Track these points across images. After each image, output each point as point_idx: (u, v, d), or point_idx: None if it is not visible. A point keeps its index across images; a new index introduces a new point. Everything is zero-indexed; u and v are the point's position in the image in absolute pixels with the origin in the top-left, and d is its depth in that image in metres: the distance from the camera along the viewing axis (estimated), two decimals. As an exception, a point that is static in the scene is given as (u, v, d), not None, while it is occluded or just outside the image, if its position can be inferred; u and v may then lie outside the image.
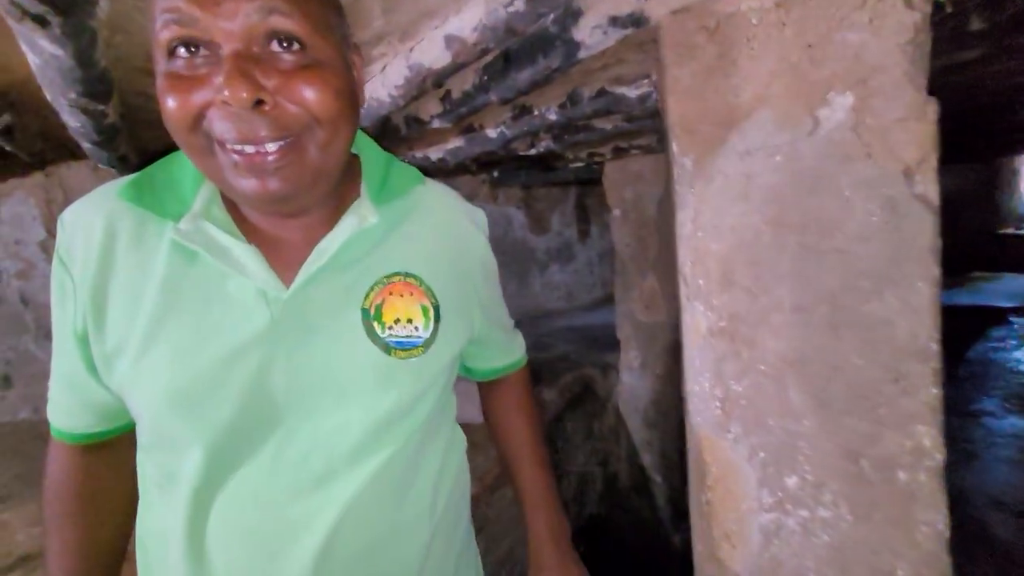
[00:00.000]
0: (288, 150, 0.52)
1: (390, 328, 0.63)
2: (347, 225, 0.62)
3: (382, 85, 1.32)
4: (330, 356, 0.60)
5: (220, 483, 0.58)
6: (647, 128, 1.99)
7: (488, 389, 0.98)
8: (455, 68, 1.11)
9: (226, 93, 0.47)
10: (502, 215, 5.44)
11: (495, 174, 5.14)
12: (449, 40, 1.02)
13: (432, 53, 1.07)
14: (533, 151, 2.45)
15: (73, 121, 1.84)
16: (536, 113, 1.78)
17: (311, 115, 0.52)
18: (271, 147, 0.51)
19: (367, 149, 0.72)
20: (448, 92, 1.59)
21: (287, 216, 0.61)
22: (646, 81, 1.35)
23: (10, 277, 3.28)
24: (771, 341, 0.83)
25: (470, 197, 5.11)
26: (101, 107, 1.55)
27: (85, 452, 0.70)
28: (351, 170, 0.68)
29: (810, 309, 0.80)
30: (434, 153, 2.66)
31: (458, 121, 1.78)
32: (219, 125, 0.50)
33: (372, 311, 0.63)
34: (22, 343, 3.33)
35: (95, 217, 0.59)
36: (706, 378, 0.89)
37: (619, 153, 2.66)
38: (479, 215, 0.82)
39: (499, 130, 2.03)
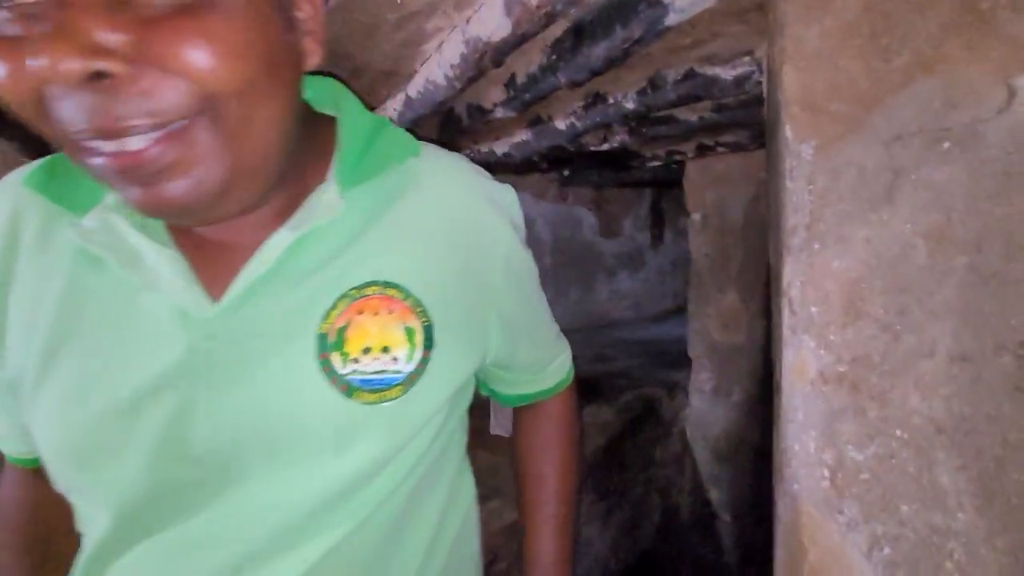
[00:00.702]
0: (171, 143, 0.35)
1: (355, 361, 0.47)
2: (301, 220, 0.46)
3: (438, 65, 1.20)
4: (269, 401, 0.45)
5: (122, 557, 0.45)
6: (738, 121, 1.74)
7: (518, 416, 0.79)
8: (517, 41, 0.95)
9: (45, 61, 0.30)
10: (571, 215, 5.23)
11: (566, 173, 4.96)
12: (509, 5, 0.86)
13: (491, 23, 0.93)
14: (606, 146, 2.25)
15: None
16: (611, 101, 1.59)
17: (199, 87, 0.34)
18: (138, 142, 0.34)
19: (348, 109, 0.54)
20: (512, 75, 1.44)
21: (217, 222, 0.45)
22: (746, 59, 1.12)
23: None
24: (915, 399, 0.61)
25: (539, 195, 4.97)
26: None
27: (37, 478, 0.56)
28: (322, 140, 0.52)
29: (981, 360, 0.58)
30: (499, 147, 2.53)
31: (523, 110, 1.63)
32: (56, 110, 0.33)
33: (332, 337, 0.46)
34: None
35: None
36: (812, 437, 0.68)
37: (703, 151, 2.40)
38: (504, 194, 0.63)
39: (569, 121, 1.86)
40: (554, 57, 1.18)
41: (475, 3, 0.95)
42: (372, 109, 2.35)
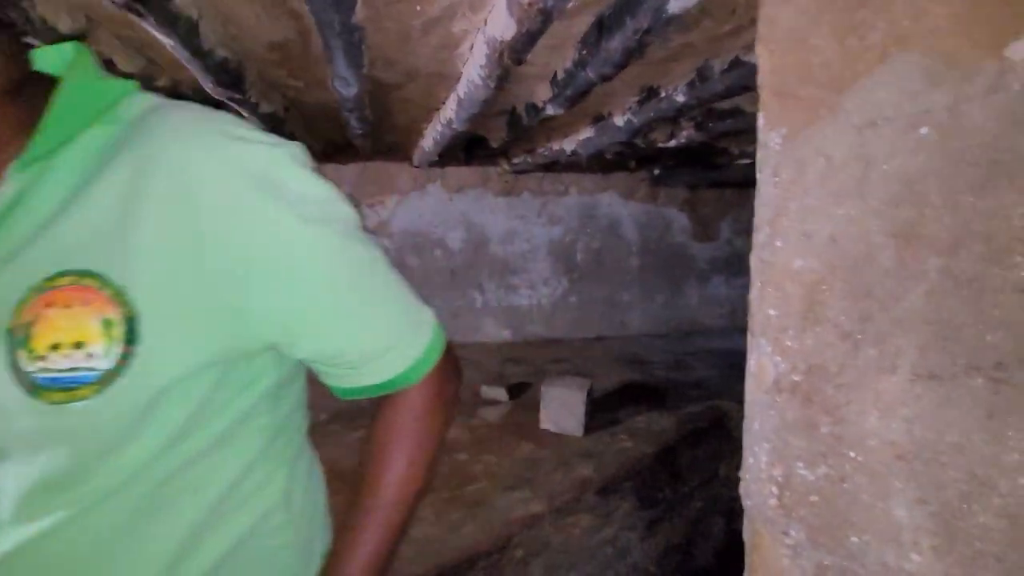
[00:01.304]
0: None
1: (42, 358, 0.41)
2: None
3: (472, 66, 1.26)
4: None
5: None
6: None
7: (373, 407, 0.67)
8: (525, 38, 0.97)
9: None
10: (660, 217, 5.04)
11: (656, 172, 4.78)
12: (511, 5, 0.89)
13: (500, 23, 0.96)
14: (673, 143, 2.15)
15: (242, 111, 2.19)
16: (663, 95, 1.53)
17: None
18: None
19: (69, 75, 0.46)
20: (555, 73, 1.46)
21: None
22: (786, 44, 1.03)
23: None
24: (873, 418, 0.55)
25: (627, 195, 4.84)
26: (238, 95, 1.80)
27: None
28: (34, 109, 0.44)
29: (951, 380, 0.50)
30: (567, 145, 2.53)
31: (570, 106, 1.62)
32: None
33: (19, 334, 0.41)
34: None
35: None
36: (764, 450, 0.63)
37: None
38: (270, 161, 0.49)
39: (626, 118, 1.81)
40: (584, 52, 1.17)
41: (488, 4, 0.99)
42: (435, 111, 2.45)
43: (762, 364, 0.63)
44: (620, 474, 1.96)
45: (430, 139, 2.74)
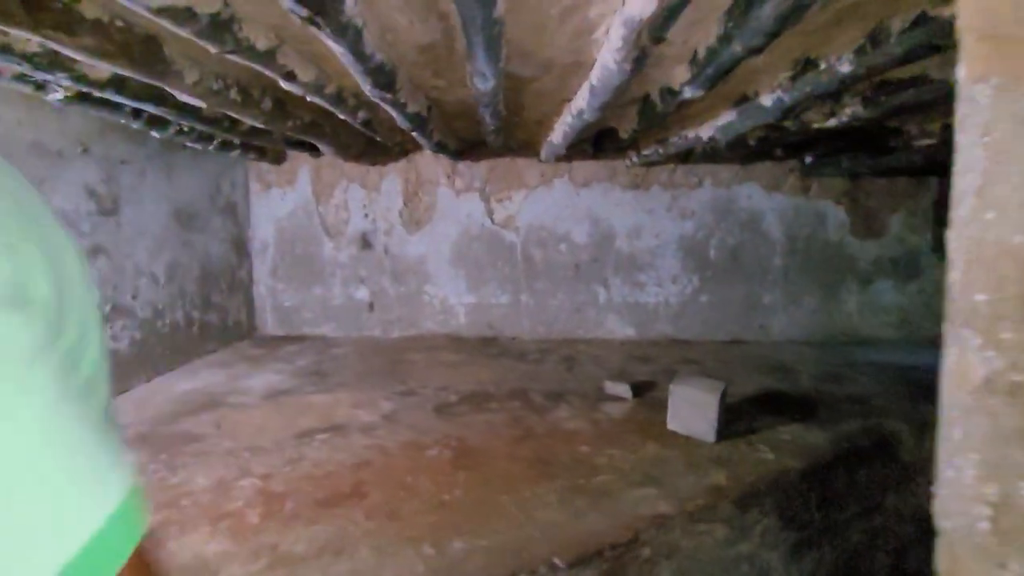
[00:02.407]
0: None
1: None
2: None
3: (607, 50, 1.23)
4: None
5: None
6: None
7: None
8: (667, 13, 0.93)
9: None
10: (811, 210, 4.49)
11: (807, 159, 4.26)
12: (652, -24, 0.86)
13: (639, 2, 0.93)
14: (833, 122, 1.89)
15: (392, 112, 2.41)
16: (823, 66, 1.35)
17: None
18: None
19: None
20: (695, 52, 1.37)
21: None
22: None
23: (380, 233, 4.58)
24: None
25: (771, 186, 4.40)
26: (390, 96, 1.98)
27: None
28: None
29: None
30: (704, 131, 2.37)
31: (711, 86, 1.51)
32: None
33: None
34: (382, 281, 4.64)
35: None
36: (971, 463, 0.53)
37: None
38: None
39: (775, 96, 1.64)
40: (730, 24, 1.09)
41: (626, -19, 0.96)
42: (566, 102, 2.43)
43: (967, 361, 0.53)
44: (759, 487, 1.79)
45: (559, 132, 2.76)
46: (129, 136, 3.12)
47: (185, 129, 3.01)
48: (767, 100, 1.69)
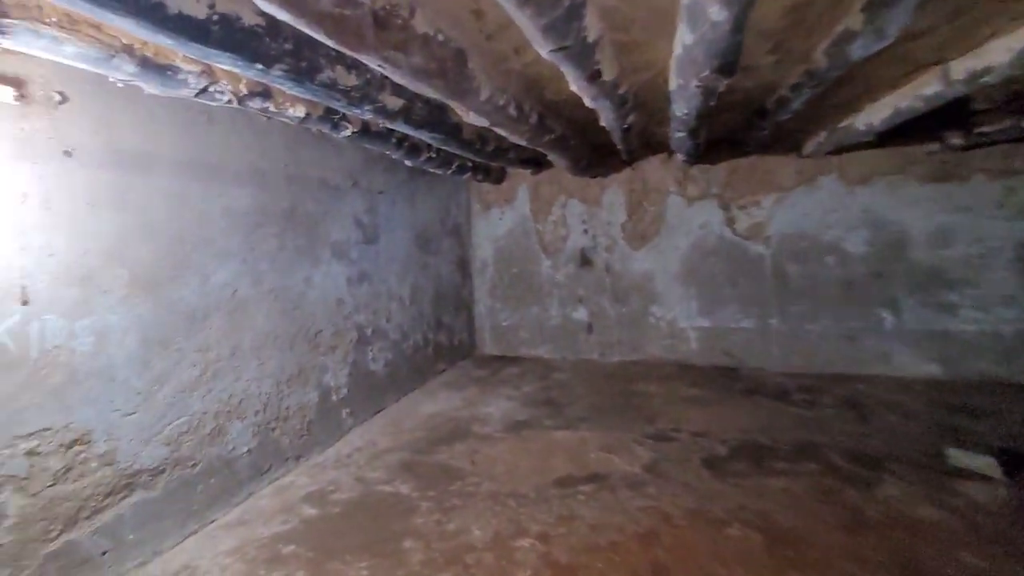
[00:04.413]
0: None
1: None
2: None
3: None
4: None
5: None
6: None
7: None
8: None
9: None
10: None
11: None
12: None
13: None
14: None
15: (682, 108, 1.99)
16: None
17: None
18: None
19: None
20: None
21: None
22: None
23: (600, 249, 4.26)
24: None
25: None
26: (712, 86, 1.57)
27: None
28: None
29: None
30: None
31: None
32: None
33: None
34: (602, 301, 4.31)
35: None
36: None
37: None
38: None
39: None
40: None
41: None
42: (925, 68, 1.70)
43: None
44: None
45: (874, 117, 2.06)
46: (385, 168, 3.30)
47: (432, 156, 3.06)
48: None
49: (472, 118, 1.82)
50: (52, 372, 1.52)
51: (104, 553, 1.65)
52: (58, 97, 1.53)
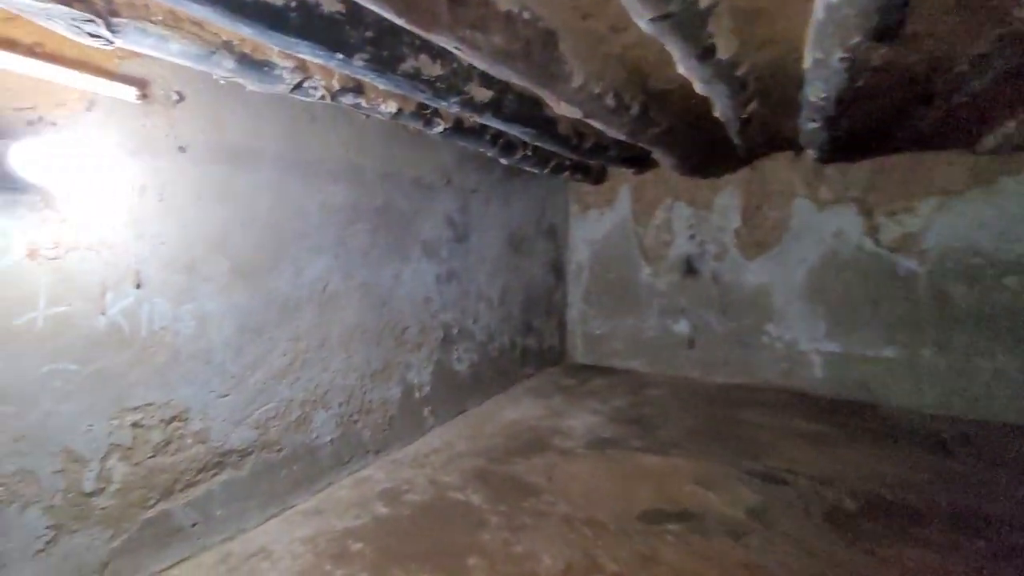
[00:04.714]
0: None
1: None
2: None
3: None
4: None
5: None
6: None
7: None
8: None
9: None
10: None
11: None
12: None
13: None
14: None
15: (818, 91, 1.65)
16: None
17: None
18: None
19: None
20: None
21: None
22: None
23: (708, 257, 3.86)
24: None
25: None
26: (863, 59, 1.25)
27: None
28: None
29: None
30: None
31: None
32: None
33: None
34: (707, 314, 3.91)
35: None
36: None
37: None
38: None
39: None
40: None
41: None
42: None
43: None
44: None
45: None
46: (480, 166, 3.26)
47: (528, 153, 2.95)
48: None
49: (564, 108, 1.66)
50: (158, 352, 1.65)
51: (194, 525, 1.76)
52: (176, 96, 1.65)
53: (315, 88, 1.64)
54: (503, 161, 2.97)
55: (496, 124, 1.99)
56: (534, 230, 4.00)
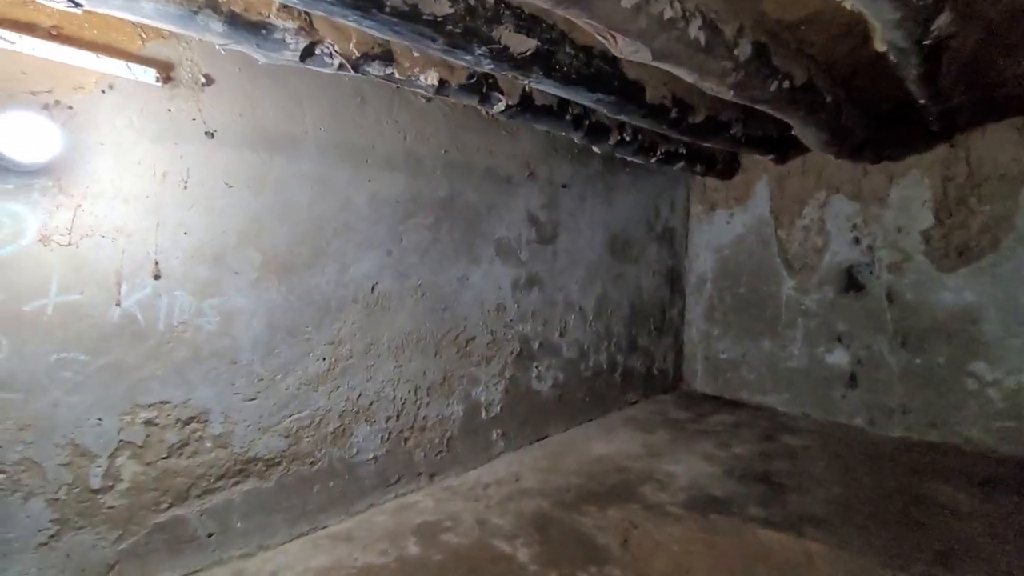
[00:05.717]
0: None
1: None
2: None
3: None
4: None
5: None
6: None
7: None
8: None
9: None
10: None
11: None
12: None
13: None
14: None
15: None
16: None
17: None
18: None
19: None
20: None
21: None
22: None
23: (881, 267, 2.90)
24: None
25: None
26: None
27: None
28: None
29: None
30: None
31: None
32: None
33: None
34: (877, 342, 2.94)
35: None
36: None
37: None
38: None
39: None
40: None
41: None
42: None
43: None
44: None
45: None
46: (573, 157, 2.85)
47: (626, 138, 2.46)
48: None
49: (622, 45, 1.20)
50: (177, 347, 1.57)
51: (210, 535, 1.65)
52: (203, 79, 1.57)
53: (330, 56, 1.43)
54: (595, 149, 2.53)
55: (553, 89, 1.59)
56: (644, 233, 3.44)
